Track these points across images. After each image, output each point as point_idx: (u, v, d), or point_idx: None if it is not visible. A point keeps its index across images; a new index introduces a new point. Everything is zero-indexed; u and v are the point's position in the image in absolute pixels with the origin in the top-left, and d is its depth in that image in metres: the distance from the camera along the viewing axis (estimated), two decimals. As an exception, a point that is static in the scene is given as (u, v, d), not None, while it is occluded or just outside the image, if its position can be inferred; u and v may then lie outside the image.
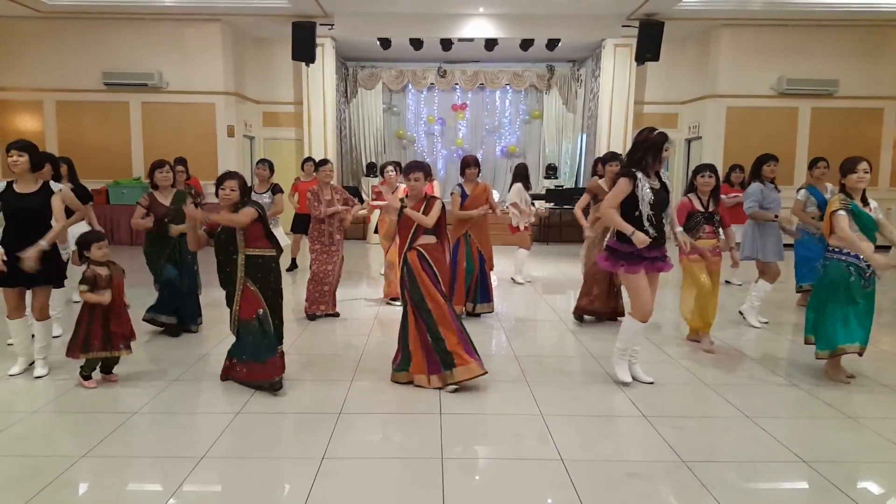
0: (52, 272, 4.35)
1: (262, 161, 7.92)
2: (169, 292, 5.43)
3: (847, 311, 4.26)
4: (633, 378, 4.33)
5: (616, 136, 12.83)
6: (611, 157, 6.08)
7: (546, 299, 7.41)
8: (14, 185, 4.26)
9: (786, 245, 6.11)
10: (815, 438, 3.55)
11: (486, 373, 4.18)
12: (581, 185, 14.23)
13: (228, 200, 4.12)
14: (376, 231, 7.39)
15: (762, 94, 12.31)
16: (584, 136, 14.52)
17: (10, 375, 4.35)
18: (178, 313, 5.48)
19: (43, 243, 4.13)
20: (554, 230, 13.13)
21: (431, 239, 4.34)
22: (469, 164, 6.18)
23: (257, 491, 2.87)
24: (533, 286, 8.17)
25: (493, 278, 6.57)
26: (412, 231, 4.29)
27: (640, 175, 4.02)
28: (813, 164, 6.31)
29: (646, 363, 4.56)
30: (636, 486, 2.97)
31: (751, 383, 4.48)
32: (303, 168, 9.03)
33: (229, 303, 4.15)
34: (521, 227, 7.90)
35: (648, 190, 4.00)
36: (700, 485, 2.93)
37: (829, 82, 12.12)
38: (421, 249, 4.27)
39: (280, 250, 4.34)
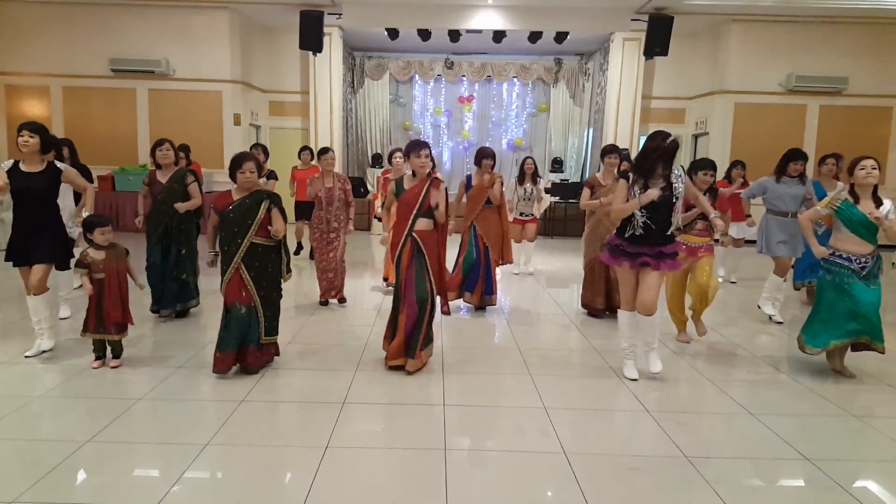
0: (56, 250, 4.41)
1: (257, 145, 7.99)
2: (151, 276, 5.48)
3: (833, 312, 4.36)
4: (646, 370, 4.36)
5: (623, 131, 12.79)
6: (610, 149, 6.06)
7: (549, 292, 7.40)
8: (20, 165, 4.30)
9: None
10: (819, 436, 3.55)
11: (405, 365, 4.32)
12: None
13: (249, 182, 4.13)
14: (377, 218, 7.40)
15: (771, 91, 12.25)
16: (591, 131, 14.47)
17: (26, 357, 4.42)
18: (162, 297, 5.50)
19: (85, 212, 4.43)
20: (559, 224, 13.11)
21: (429, 224, 4.34)
22: (486, 156, 6.14)
23: (261, 479, 2.88)
24: (536, 279, 8.17)
25: (498, 272, 6.55)
26: (413, 214, 4.29)
27: (640, 181, 4.11)
28: (822, 161, 6.31)
29: (643, 355, 4.55)
30: (639, 480, 2.97)
31: (754, 380, 4.48)
32: (300, 157, 9.09)
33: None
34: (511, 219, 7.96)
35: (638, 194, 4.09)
36: (703, 480, 2.94)
37: (837, 80, 12.05)
38: (416, 237, 4.29)
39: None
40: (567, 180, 14.26)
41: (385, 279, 7.04)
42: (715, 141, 12.48)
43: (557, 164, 14.90)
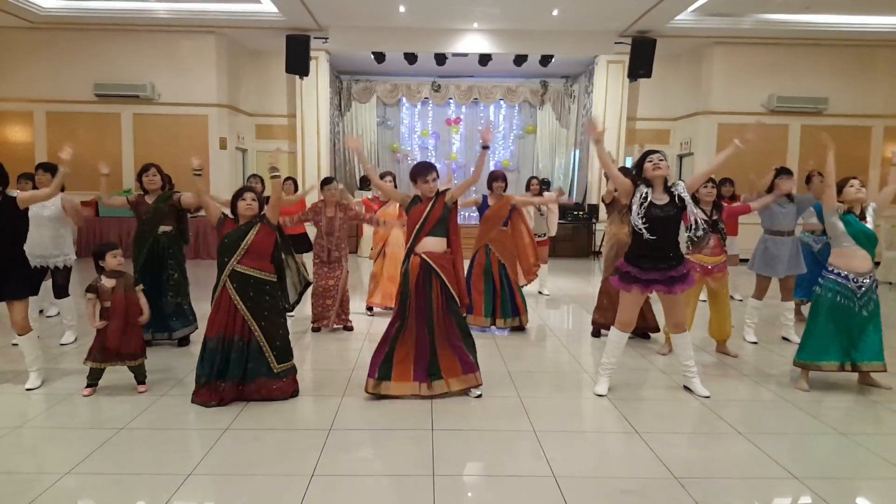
0: (21, 283, 4.31)
1: (255, 176, 7.92)
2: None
3: (830, 330, 4.38)
4: (690, 391, 4.43)
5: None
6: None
7: (540, 314, 7.38)
8: None
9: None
10: (809, 455, 3.54)
11: (480, 384, 4.27)
12: (575, 201, 14.28)
13: (251, 211, 4.12)
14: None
15: (753, 112, 12.41)
16: (577, 152, 14.59)
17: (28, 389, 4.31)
18: (150, 323, 5.39)
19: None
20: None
21: (439, 244, 4.26)
22: (496, 178, 6.21)
23: (245, 508, 2.82)
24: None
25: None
26: (415, 230, 4.24)
27: (643, 187, 4.19)
28: (808, 179, 6.42)
29: (633, 374, 4.54)
30: (629, 503, 2.94)
31: (744, 399, 4.47)
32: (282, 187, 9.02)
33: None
34: None
35: (639, 201, 4.13)
36: (693, 502, 2.91)
37: (818, 100, 12.27)
38: (426, 258, 4.21)
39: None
40: (554, 201, 14.31)
41: (369, 308, 6.99)
42: (699, 161, 12.60)
43: (545, 186, 14.94)
